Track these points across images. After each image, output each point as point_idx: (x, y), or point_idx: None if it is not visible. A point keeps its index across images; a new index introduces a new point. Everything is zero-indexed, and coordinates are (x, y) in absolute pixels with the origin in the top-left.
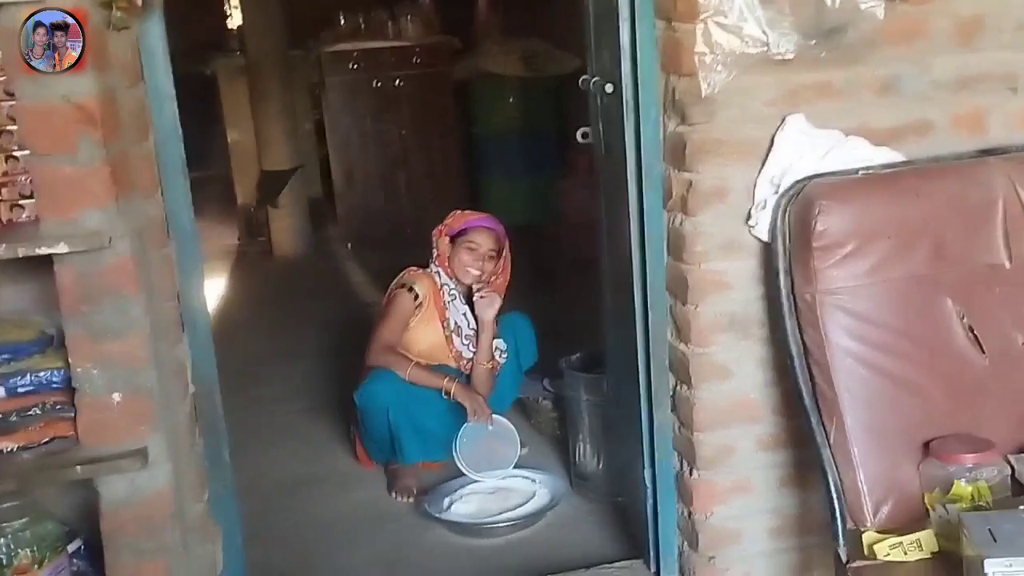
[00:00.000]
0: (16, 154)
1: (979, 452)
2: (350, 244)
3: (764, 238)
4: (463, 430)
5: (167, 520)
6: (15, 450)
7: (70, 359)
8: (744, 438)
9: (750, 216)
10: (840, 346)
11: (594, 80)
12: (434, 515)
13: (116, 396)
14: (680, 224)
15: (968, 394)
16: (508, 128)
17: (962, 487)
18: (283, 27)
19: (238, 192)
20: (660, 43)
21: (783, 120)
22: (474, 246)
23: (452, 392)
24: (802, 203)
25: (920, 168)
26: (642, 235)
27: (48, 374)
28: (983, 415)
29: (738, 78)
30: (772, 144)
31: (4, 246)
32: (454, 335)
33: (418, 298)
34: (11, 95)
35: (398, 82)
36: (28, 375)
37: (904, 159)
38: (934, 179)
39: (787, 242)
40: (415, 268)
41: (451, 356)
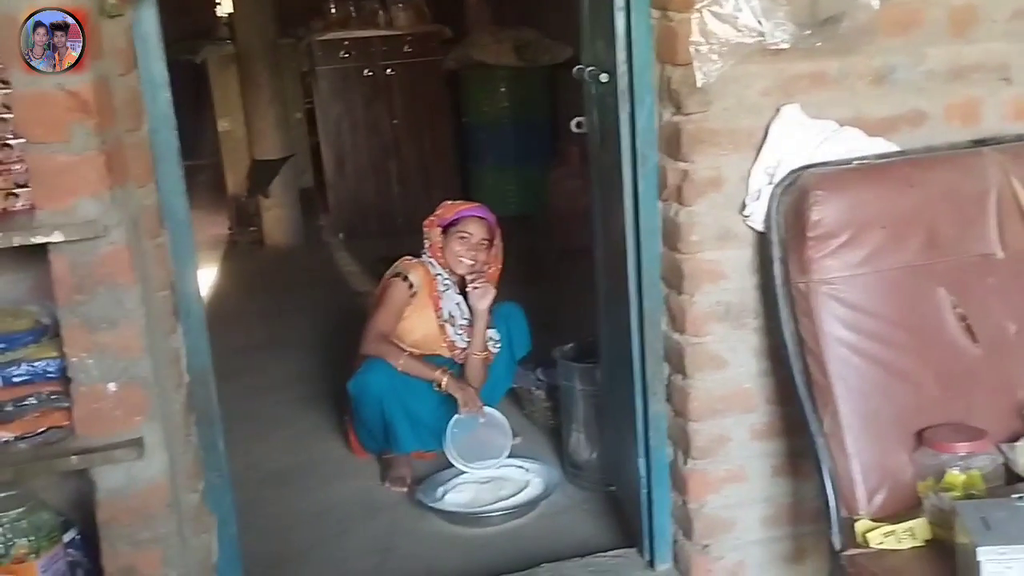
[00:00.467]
0: (10, 142)
1: (972, 441)
2: (341, 234)
3: (759, 228)
4: (454, 422)
5: (162, 510)
6: (11, 440)
7: (65, 349)
8: (738, 427)
9: (745, 206)
10: (834, 335)
11: (588, 70)
12: (427, 504)
13: (111, 386)
14: (675, 214)
15: (961, 383)
16: (499, 118)
17: (955, 476)
18: (273, 15)
19: (229, 181)
20: (655, 32)
21: (778, 110)
22: (466, 235)
23: (444, 384)
24: (797, 193)
25: (914, 158)
26: (637, 225)
27: (43, 364)
28: (976, 404)
29: (733, 68)
30: (767, 134)
31: None
32: (447, 324)
33: (412, 287)
34: (5, 83)
35: (389, 71)
36: (23, 365)
37: (898, 149)
38: (928, 169)
39: (782, 232)
40: (409, 257)
41: (444, 345)
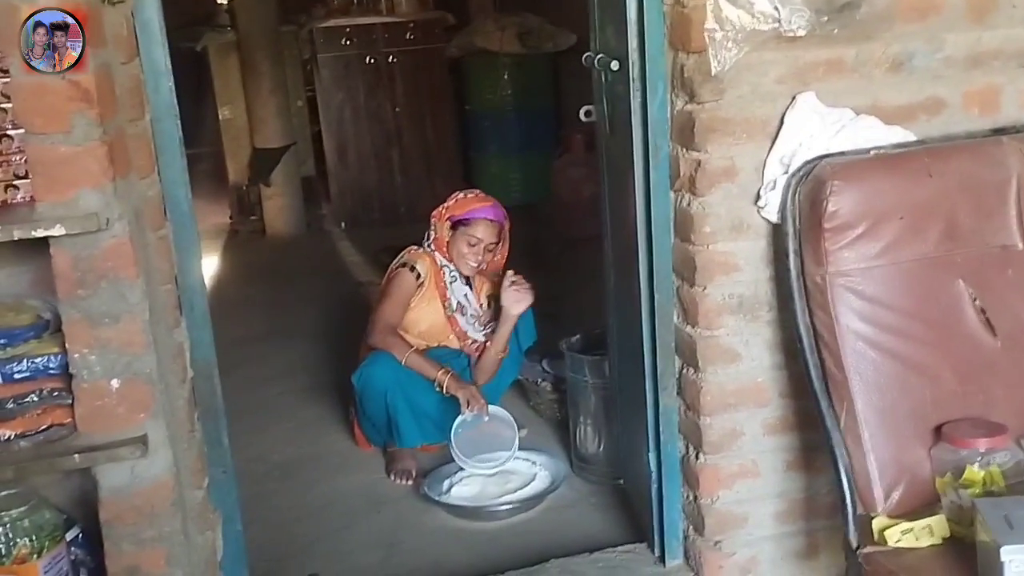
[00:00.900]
0: (10, 133)
1: (992, 436)
2: (343, 223)
3: (773, 219)
4: (459, 422)
5: (167, 508)
6: (12, 438)
7: (67, 344)
8: (751, 422)
9: (759, 196)
10: (850, 328)
11: (598, 57)
12: (433, 498)
13: (115, 382)
14: (688, 204)
15: (980, 377)
16: (502, 105)
17: (974, 472)
18: (274, 2)
19: (230, 170)
20: (668, 19)
21: (793, 98)
22: (474, 241)
23: (445, 385)
24: (813, 183)
25: (933, 147)
26: (648, 215)
27: (45, 360)
28: (995, 398)
29: (747, 55)
30: (782, 123)
31: None
32: (457, 315)
33: (420, 277)
34: (5, 72)
35: (391, 58)
36: (24, 361)
37: (915, 138)
38: (947, 159)
39: (797, 223)
40: (416, 247)
41: (453, 336)
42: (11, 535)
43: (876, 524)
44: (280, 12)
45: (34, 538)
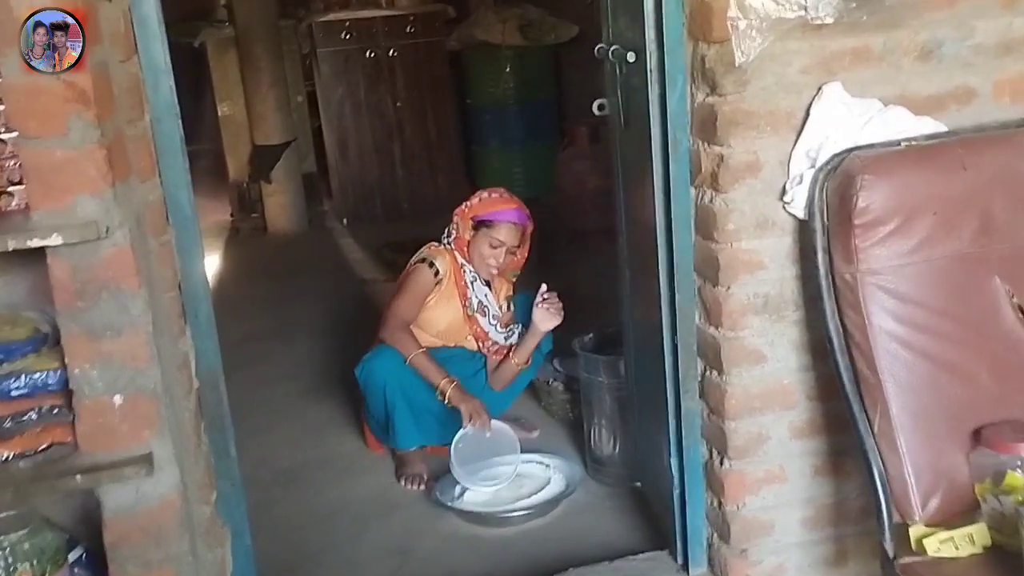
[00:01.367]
0: (3, 136)
1: None
2: (345, 219)
3: (800, 215)
4: (459, 436)
5: (175, 528)
6: (10, 458)
7: (67, 359)
8: (777, 425)
9: (785, 192)
10: (883, 329)
11: (612, 48)
12: (446, 504)
13: (117, 398)
14: (710, 201)
15: (1019, 378)
16: (504, 99)
17: (1016, 477)
18: None
19: (230, 167)
20: (687, 8)
21: (819, 89)
22: (497, 243)
23: (447, 395)
24: (842, 178)
25: (966, 139)
26: (668, 213)
27: (44, 375)
28: None
29: (771, 45)
30: (808, 115)
31: None
32: (478, 315)
33: (438, 274)
34: None
35: (392, 52)
36: (22, 377)
37: (946, 129)
38: (981, 150)
39: (826, 219)
40: (435, 243)
41: (470, 336)
42: (11, 560)
43: (913, 533)
44: (278, 6)
45: (35, 562)
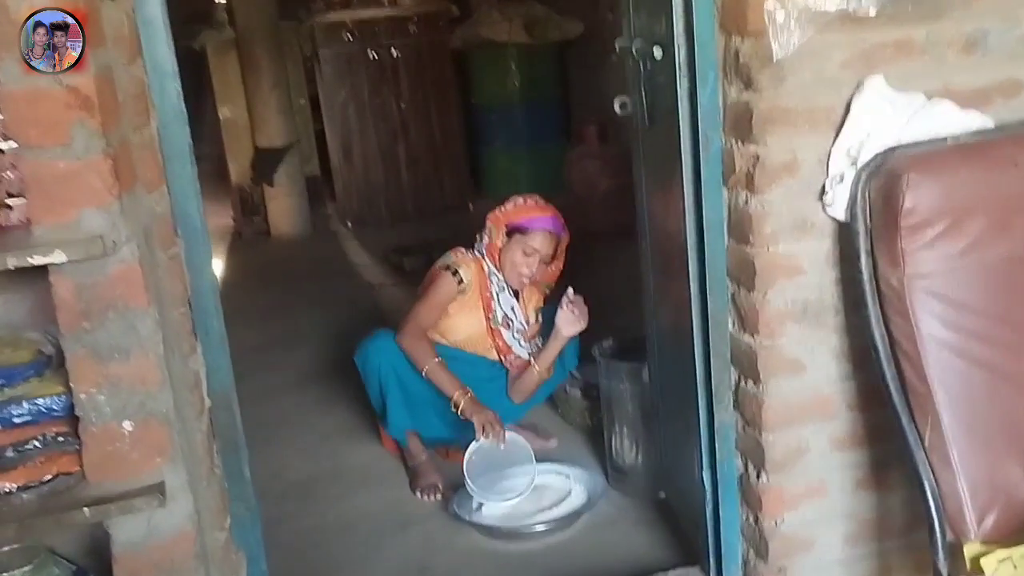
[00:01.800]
0: (1, 146)
1: None
2: (349, 222)
3: (840, 217)
4: (473, 448)
5: (189, 561)
6: (14, 490)
7: (72, 383)
8: (817, 437)
9: (825, 192)
10: (933, 336)
11: (635, 44)
12: (463, 518)
13: (127, 424)
14: (744, 203)
15: None
16: (509, 98)
17: None
18: None
19: (232, 171)
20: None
21: (860, 84)
22: (530, 251)
23: (461, 408)
24: (886, 177)
25: (1016, 134)
26: (699, 215)
27: (48, 401)
28: None
29: (810, 38)
30: (848, 111)
31: None
32: (502, 328)
33: (462, 283)
34: None
35: (395, 52)
36: (25, 403)
37: (992, 124)
38: None
39: (869, 221)
40: (463, 249)
41: (491, 348)
42: None
43: (968, 551)
44: (279, 8)
45: None
